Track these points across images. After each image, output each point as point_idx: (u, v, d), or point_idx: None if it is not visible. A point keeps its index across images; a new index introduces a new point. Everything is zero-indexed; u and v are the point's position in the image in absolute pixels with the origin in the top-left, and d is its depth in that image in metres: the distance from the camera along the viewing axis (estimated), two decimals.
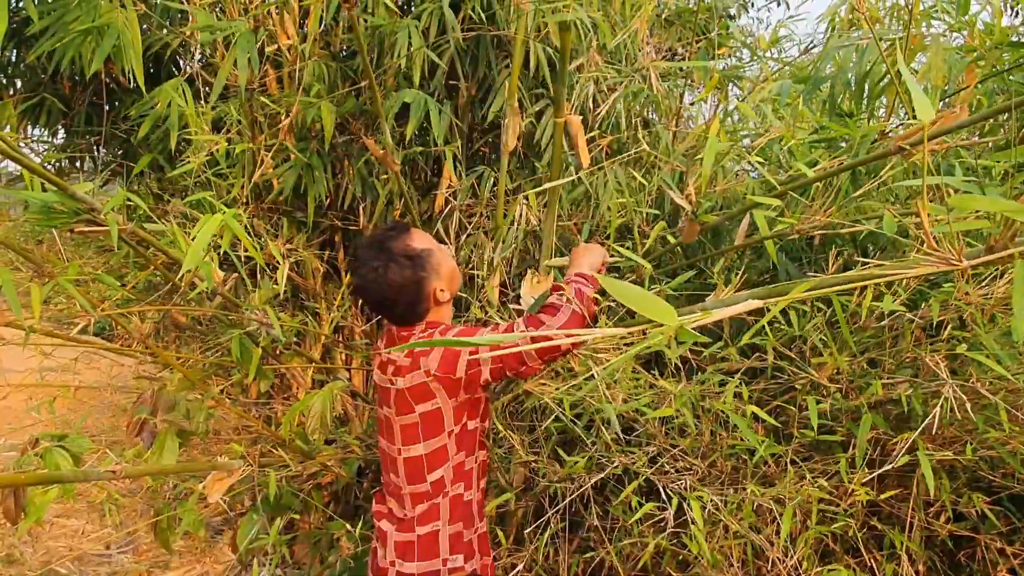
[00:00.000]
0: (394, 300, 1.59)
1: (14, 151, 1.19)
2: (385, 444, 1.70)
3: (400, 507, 1.68)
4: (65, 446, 1.78)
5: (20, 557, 3.13)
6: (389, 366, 1.62)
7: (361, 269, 1.59)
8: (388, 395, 1.64)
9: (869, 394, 1.78)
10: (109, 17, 1.53)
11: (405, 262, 1.57)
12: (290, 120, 2.16)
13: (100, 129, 2.78)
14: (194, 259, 1.24)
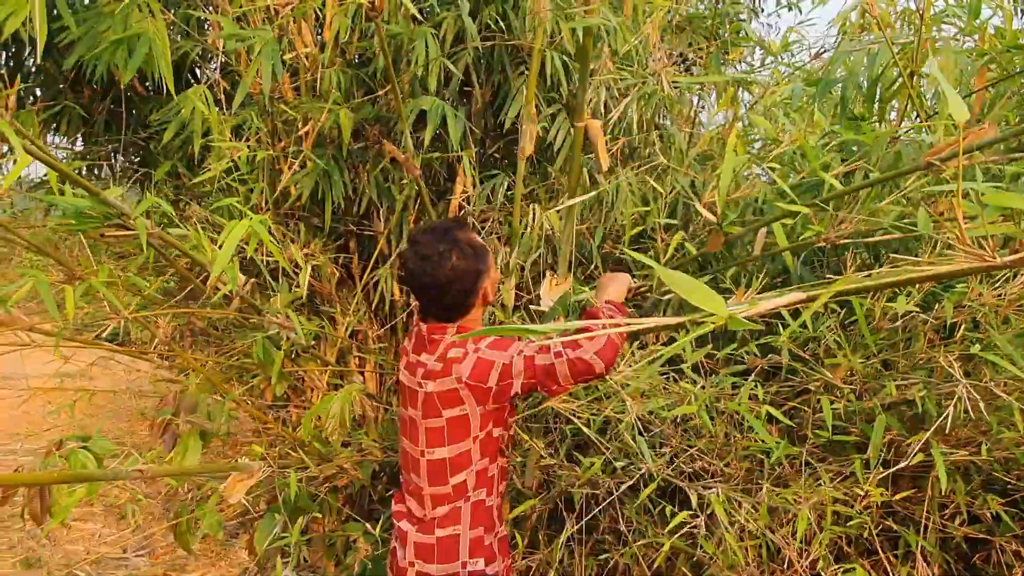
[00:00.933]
0: (449, 287, 1.59)
1: (51, 158, 1.22)
2: (408, 444, 1.71)
3: (420, 507, 1.68)
4: (89, 447, 1.81)
5: (39, 560, 3.16)
6: (419, 369, 1.64)
7: (423, 251, 1.59)
8: (415, 397, 1.65)
9: (883, 395, 1.79)
10: (140, 27, 1.57)
11: (468, 251, 1.61)
12: (313, 127, 2.19)
13: (119, 137, 2.82)
14: (222, 264, 1.27)
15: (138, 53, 1.62)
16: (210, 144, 2.14)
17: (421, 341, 1.67)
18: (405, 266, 1.63)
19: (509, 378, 1.55)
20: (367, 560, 2.34)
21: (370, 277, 2.84)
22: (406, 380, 1.69)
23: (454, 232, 1.63)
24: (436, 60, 2.25)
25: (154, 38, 1.50)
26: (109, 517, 3.55)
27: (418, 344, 1.68)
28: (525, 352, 1.55)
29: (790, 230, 2.01)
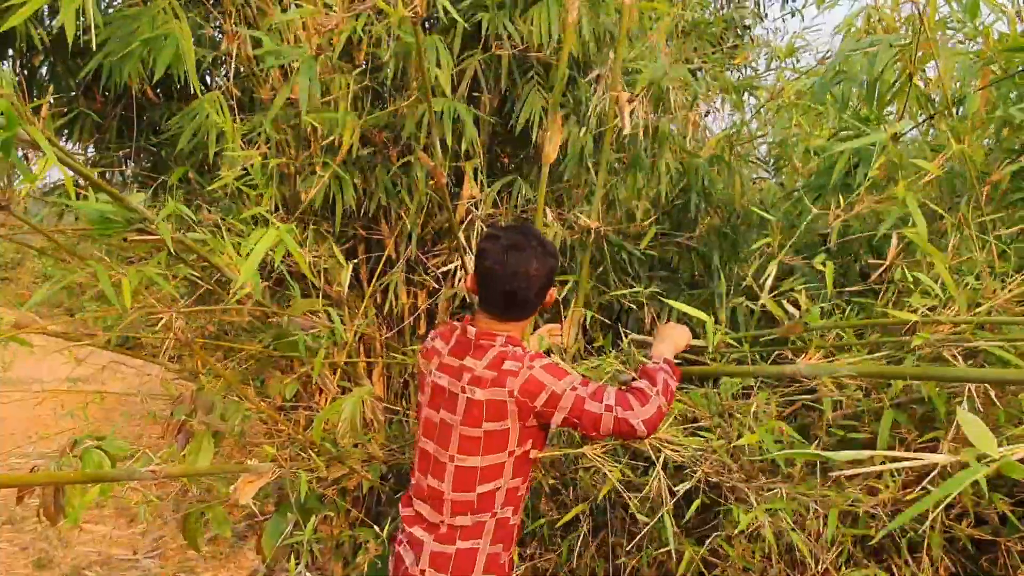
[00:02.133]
0: (530, 282, 1.57)
1: (78, 165, 1.25)
2: (433, 447, 1.65)
3: (435, 512, 1.64)
4: (104, 447, 1.84)
5: (51, 561, 3.19)
6: (464, 373, 1.60)
7: (512, 241, 1.57)
8: (454, 401, 1.60)
9: (892, 393, 1.81)
10: (167, 28, 1.60)
11: (550, 250, 1.62)
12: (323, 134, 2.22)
13: (131, 143, 2.85)
14: (249, 272, 1.29)
15: (167, 51, 1.66)
16: (222, 152, 2.17)
17: (466, 344, 1.64)
18: (489, 256, 1.58)
19: (554, 408, 1.54)
20: (376, 560, 2.35)
21: (379, 283, 2.87)
22: (443, 382, 1.64)
23: (535, 232, 1.65)
24: (448, 67, 2.28)
25: (180, 38, 1.54)
26: (120, 519, 3.58)
27: (460, 347, 1.64)
28: (579, 391, 1.54)
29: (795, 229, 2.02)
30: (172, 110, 2.72)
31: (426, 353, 1.72)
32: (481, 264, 1.59)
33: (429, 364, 1.69)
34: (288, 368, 2.70)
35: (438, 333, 1.73)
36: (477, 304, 1.67)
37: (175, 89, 3.08)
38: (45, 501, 1.79)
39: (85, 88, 2.85)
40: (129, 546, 3.36)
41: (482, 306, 1.64)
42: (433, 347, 1.70)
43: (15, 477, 1.45)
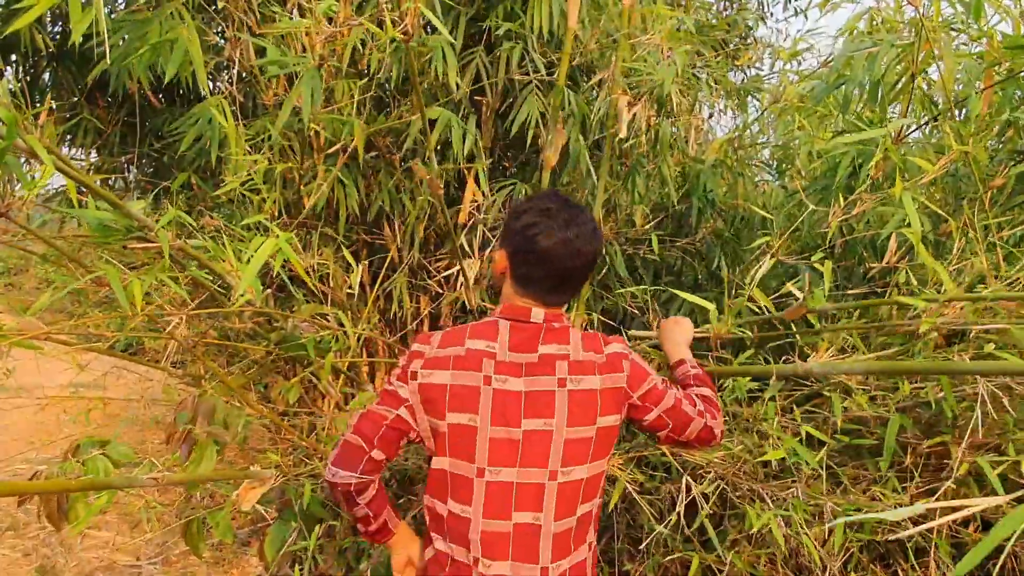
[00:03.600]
0: (587, 267, 1.36)
1: (77, 172, 1.25)
2: (515, 473, 1.30)
3: (530, 561, 1.30)
4: (107, 453, 1.83)
5: (54, 568, 3.18)
6: (555, 362, 1.32)
7: (580, 218, 1.33)
8: (546, 401, 1.31)
9: (898, 397, 1.80)
10: (175, 33, 1.61)
11: (599, 230, 1.40)
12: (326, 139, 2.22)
13: (133, 149, 2.86)
14: (249, 280, 1.29)
15: (176, 54, 1.67)
16: (225, 156, 2.17)
17: (534, 330, 1.35)
18: (543, 232, 1.31)
19: (653, 404, 1.37)
20: (379, 566, 2.34)
21: (381, 287, 2.86)
22: (514, 385, 1.31)
23: (577, 202, 1.41)
24: (453, 67, 2.28)
25: (188, 42, 1.54)
26: (123, 525, 3.57)
27: (527, 335, 1.34)
28: (673, 390, 1.40)
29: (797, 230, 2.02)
30: (175, 115, 2.73)
31: (462, 360, 1.32)
32: (530, 242, 1.31)
33: (462, 373, 1.32)
34: (291, 373, 2.70)
35: (451, 335, 1.36)
36: (513, 287, 1.37)
37: (177, 95, 3.09)
38: (49, 507, 1.78)
39: (88, 94, 2.86)
40: (132, 552, 3.35)
41: (523, 289, 1.36)
42: (480, 350, 1.33)
43: (15, 485, 1.45)
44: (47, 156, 1.09)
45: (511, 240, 1.36)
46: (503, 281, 1.40)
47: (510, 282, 1.38)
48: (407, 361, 1.35)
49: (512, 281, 1.37)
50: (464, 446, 1.31)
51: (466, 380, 1.32)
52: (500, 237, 1.42)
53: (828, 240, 2.49)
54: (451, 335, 1.37)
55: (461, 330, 1.38)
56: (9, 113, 0.98)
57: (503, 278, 1.40)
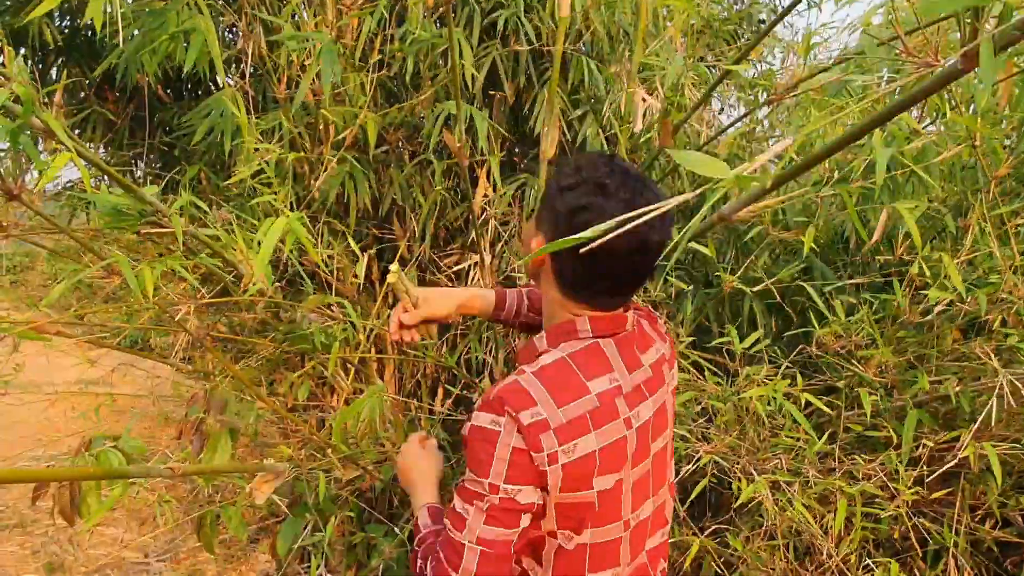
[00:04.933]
0: (653, 262, 1.05)
1: (92, 155, 1.24)
2: (651, 504, 1.13)
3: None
4: (119, 446, 1.82)
5: (63, 565, 3.18)
6: (664, 366, 1.14)
7: (644, 194, 1.01)
8: (664, 411, 1.13)
9: (915, 390, 1.78)
10: (192, 23, 1.60)
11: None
12: (336, 131, 2.21)
13: (143, 142, 2.85)
14: (262, 263, 1.27)
15: (194, 45, 1.66)
16: (237, 147, 2.16)
17: (633, 341, 1.10)
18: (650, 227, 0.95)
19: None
20: (391, 562, 2.33)
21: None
22: (646, 413, 1.08)
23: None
24: (469, 60, 2.27)
25: (205, 33, 1.53)
26: (132, 522, 3.57)
27: (631, 350, 1.09)
28: None
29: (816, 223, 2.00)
30: (184, 109, 2.72)
31: (569, 429, 0.98)
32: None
33: (606, 430, 1.01)
34: (300, 368, 2.69)
35: (558, 381, 1.00)
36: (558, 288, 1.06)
37: (185, 89, 3.08)
38: (62, 501, 1.77)
39: (97, 88, 2.85)
40: (140, 549, 3.35)
41: (569, 291, 1.05)
42: (591, 407, 1.00)
43: (31, 472, 1.44)
44: (62, 131, 1.08)
45: (555, 224, 1.03)
46: (539, 276, 1.11)
47: (554, 282, 1.06)
48: (528, 440, 0.95)
49: (557, 282, 1.06)
50: (611, 509, 1.04)
51: (612, 435, 1.01)
52: (537, 216, 1.10)
53: (842, 234, 2.48)
54: (558, 381, 1.00)
55: (565, 369, 1.02)
56: (26, 89, 0.97)
57: (541, 273, 1.10)
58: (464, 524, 0.97)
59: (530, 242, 1.08)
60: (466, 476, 0.99)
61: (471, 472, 0.98)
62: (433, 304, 1.33)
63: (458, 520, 0.98)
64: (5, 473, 1.09)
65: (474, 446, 0.98)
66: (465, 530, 0.97)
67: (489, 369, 2.72)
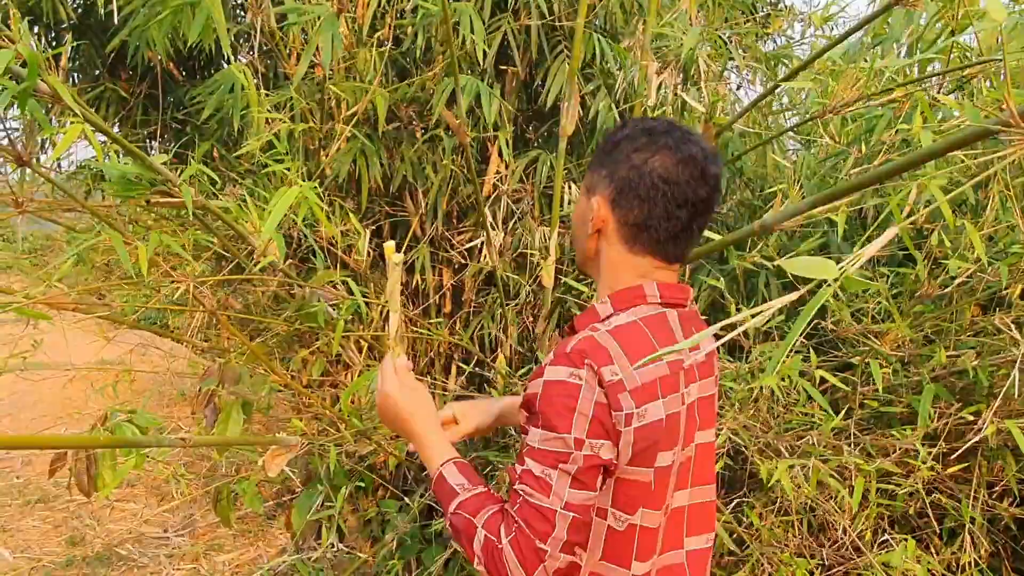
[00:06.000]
0: (713, 200, 1.06)
1: (103, 124, 1.24)
2: (687, 495, 1.08)
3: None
4: (133, 421, 1.84)
5: (84, 539, 3.23)
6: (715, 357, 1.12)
7: (693, 135, 1.03)
8: (712, 404, 1.10)
9: (932, 365, 1.75)
10: None
11: None
12: (347, 107, 2.20)
13: (155, 119, 2.86)
14: (270, 229, 1.27)
15: (198, 18, 1.64)
16: (247, 123, 2.16)
17: (690, 320, 1.08)
18: (699, 168, 1.00)
19: None
20: (405, 536, 2.35)
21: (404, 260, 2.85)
22: (695, 394, 1.05)
23: None
24: (480, 34, 2.24)
25: (211, 6, 1.52)
26: (151, 498, 3.62)
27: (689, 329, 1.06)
28: None
29: None
30: (197, 87, 2.72)
31: (643, 392, 0.95)
32: (641, 169, 1.00)
33: (672, 399, 0.99)
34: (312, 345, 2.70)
35: (630, 338, 0.97)
36: (624, 245, 1.04)
37: (197, 67, 3.08)
38: (78, 473, 1.79)
39: (110, 67, 2.86)
40: (160, 524, 3.40)
41: (638, 243, 1.03)
42: (661, 374, 0.98)
43: (46, 438, 1.46)
44: (69, 98, 1.08)
45: (611, 176, 1.02)
46: (598, 244, 1.07)
47: (617, 240, 1.03)
48: (610, 397, 0.92)
49: (620, 238, 1.03)
50: (661, 491, 1.01)
51: (672, 407, 0.99)
52: (587, 185, 1.08)
53: (860, 210, 2.44)
54: (633, 343, 0.96)
55: (639, 332, 0.98)
56: (31, 52, 0.96)
57: (600, 239, 1.06)
58: (550, 489, 0.92)
59: (588, 210, 1.05)
60: (539, 436, 0.93)
61: (546, 431, 0.93)
62: (472, 419, 1.30)
63: (541, 485, 0.92)
64: (17, 439, 1.10)
65: (553, 400, 0.93)
66: (552, 495, 0.91)
67: (501, 346, 2.71)
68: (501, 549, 0.92)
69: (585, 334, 0.97)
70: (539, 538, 0.91)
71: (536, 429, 0.94)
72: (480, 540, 0.95)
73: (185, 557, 3.12)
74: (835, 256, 2.20)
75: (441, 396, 2.78)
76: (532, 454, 0.94)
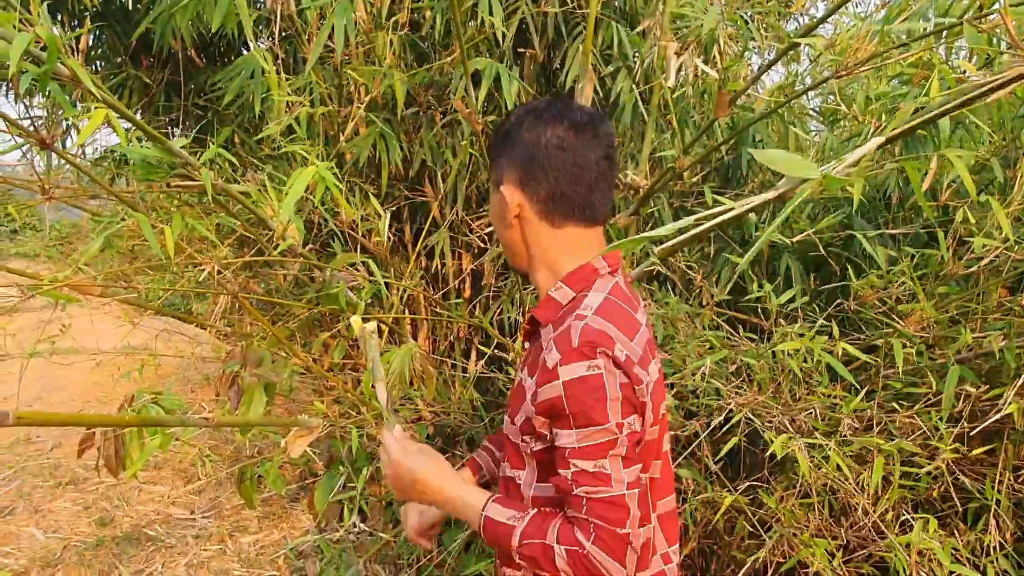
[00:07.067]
0: (614, 159, 1.12)
1: (125, 110, 1.25)
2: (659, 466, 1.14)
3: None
4: (159, 402, 1.88)
5: (113, 520, 3.30)
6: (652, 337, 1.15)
7: (572, 104, 1.09)
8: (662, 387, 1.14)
9: (958, 346, 1.73)
10: None
11: None
12: (366, 91, 2.20)
13: (177, 106, 2.89)
14: (288, 209, 1.28)
15: (221, 4, 1.65)
16: (268, 108, 2.17)
17: (628, 281, 1.16)
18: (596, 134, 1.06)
19: None
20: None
21: (423, 245, 2.86)
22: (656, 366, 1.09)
23: None
24: (499, 15, 2.23)
25: None
26: (177, 480, 3.68)
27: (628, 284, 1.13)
28: None
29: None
30: (217, 73, 2.74)
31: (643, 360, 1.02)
32: (536, 143, 1.03)
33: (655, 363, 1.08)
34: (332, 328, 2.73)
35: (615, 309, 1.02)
36: (547, 223, 1.07)
37: (218, 53, 3.11)
38: (106, 454, 1.83)
39: (132, 54, 2.89)
40: (186, 506, 3.46)
41: (559, 217, 1.06)
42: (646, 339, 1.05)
43: (77, 416, 1.49)
44: (89, 81, 1.09)
45: (512, 160, 1.06)
46: (522, 232, 1.09)
47: (538, 220, 1.06)
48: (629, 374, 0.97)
49: (540, 216, 1.06)
50: (660, 439, 1.11)
51: (656, 369, 1.07)
52: (494, 181, 1.11)
53: (883, 190, 2.40)
54: (619, 318, 1.01)
55: (616, 306, 1.02)
56: (49, 33, 0.97)
57: (522, 225, 1.08)
58: (610, 479, 0.95)
59: (503, 199, 1.07)
60: (577, 435, 0.96)
61: (585, 428, 0.95)
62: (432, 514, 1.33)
63: (600, 479, 0.95)
64: (48, 416, 1.12)
65: (581, 398, 0.95)
66: (614, 483, 0.95)
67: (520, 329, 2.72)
68: (587, 554, 0.93)
69: (577, 324, 0.98)
70: (619, 526, 0.93)
71: (570, 430, 0.96)
72: (563, 556, 0.95)
73: (211, 538, 3.18)
74: (857, 231, 2.18)
75: (461, 379, 2.79)
76: (577, 454, 0.96)
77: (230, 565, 2.99)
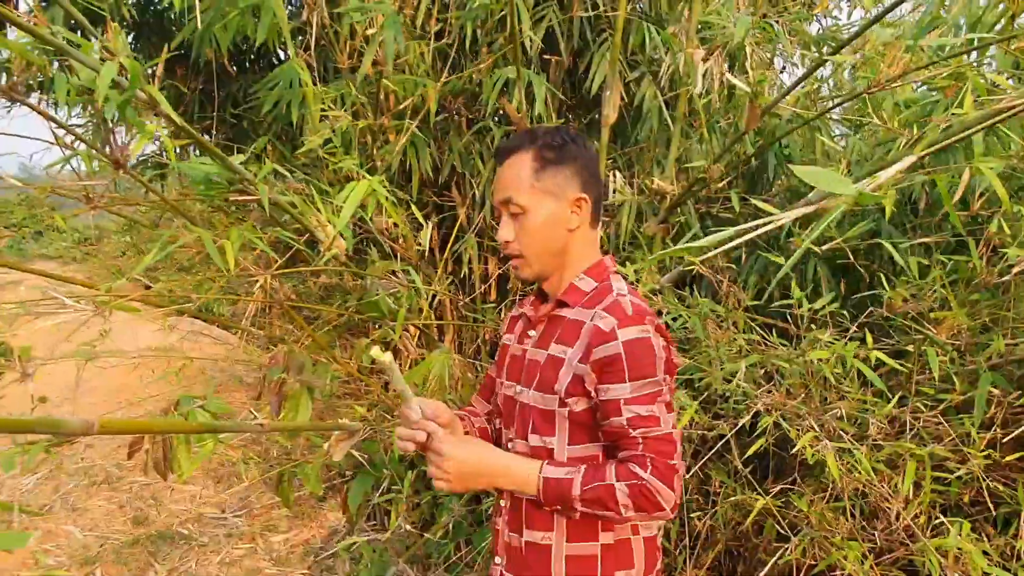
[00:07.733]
0: None
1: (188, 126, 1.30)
2: None
3: None
4: (206, 407, 1.93)
5: (146, 519, 3.37)
6: None
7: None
8: None
9: (989, 353, 1.75)
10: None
11: None
12: (397, 99, 2.25)
13: (212, 115, 2.94)
14: (344, 223, 1.32)
15: (264, 19, 1.70)
16: (305, 117, 2.21)
17: None
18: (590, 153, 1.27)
19: None
20: (461, 520, 2.41)
21: (451, 250, 2.90)
22: None
23: None
24: (527, 25, 2.27)
25: (275, 6, 1.58)
26: (208, 480, 3.75)
27: None
28: None
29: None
30: (249, 82, 2.79)
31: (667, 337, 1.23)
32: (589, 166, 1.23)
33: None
34: (365, 334, 2.77)
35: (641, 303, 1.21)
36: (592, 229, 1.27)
37: (250, 62, 3.16)
38: (155, 457, 1.88)
39: (166, 63, 2.94)
40: (217, 505, 3.52)
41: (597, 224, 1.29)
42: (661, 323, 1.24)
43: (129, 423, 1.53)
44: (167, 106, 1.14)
45: (583, 176, 1.22)
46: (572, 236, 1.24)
47: (587, 224, 1.25)
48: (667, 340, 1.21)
49: (590, 222, 1.25)
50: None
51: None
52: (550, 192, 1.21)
53: (911, 197, 2.42)
54: (637, 296, 1.23)
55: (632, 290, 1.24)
56: (133, 63, 1.02)
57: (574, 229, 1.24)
58: (659, 420, 1.14)
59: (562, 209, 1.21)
60: (631, 387, 1.14)
61: (639, 380, 1.14)
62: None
63: (653, 420, 1.14)
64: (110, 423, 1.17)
65: (637, 355, 1.14)
66: (663, 423, 1.15)
67: None
68: (645, 482, 1.11)
69: (623, 299, 1.19)
70: (670, 458, 1.14)
71: (623, 384, 1.14)
72: (624, 490, 1.12)
73: (243, 537, 3.24)
74: (884, 240, 2.20)
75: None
76: (632, 401, 1.14)
77: (261, 563, 3.05)
